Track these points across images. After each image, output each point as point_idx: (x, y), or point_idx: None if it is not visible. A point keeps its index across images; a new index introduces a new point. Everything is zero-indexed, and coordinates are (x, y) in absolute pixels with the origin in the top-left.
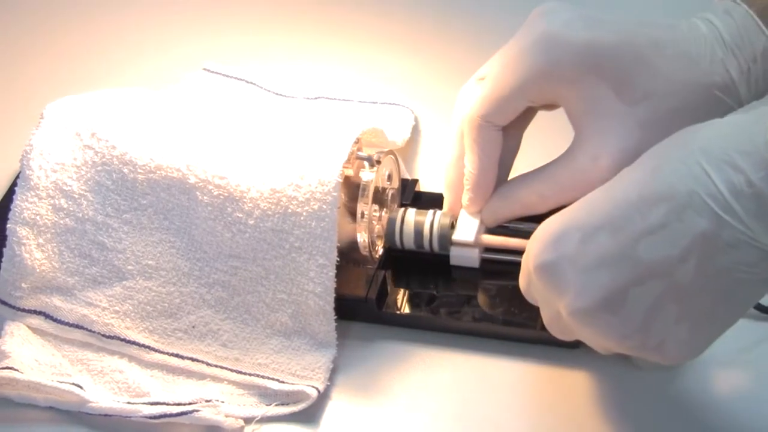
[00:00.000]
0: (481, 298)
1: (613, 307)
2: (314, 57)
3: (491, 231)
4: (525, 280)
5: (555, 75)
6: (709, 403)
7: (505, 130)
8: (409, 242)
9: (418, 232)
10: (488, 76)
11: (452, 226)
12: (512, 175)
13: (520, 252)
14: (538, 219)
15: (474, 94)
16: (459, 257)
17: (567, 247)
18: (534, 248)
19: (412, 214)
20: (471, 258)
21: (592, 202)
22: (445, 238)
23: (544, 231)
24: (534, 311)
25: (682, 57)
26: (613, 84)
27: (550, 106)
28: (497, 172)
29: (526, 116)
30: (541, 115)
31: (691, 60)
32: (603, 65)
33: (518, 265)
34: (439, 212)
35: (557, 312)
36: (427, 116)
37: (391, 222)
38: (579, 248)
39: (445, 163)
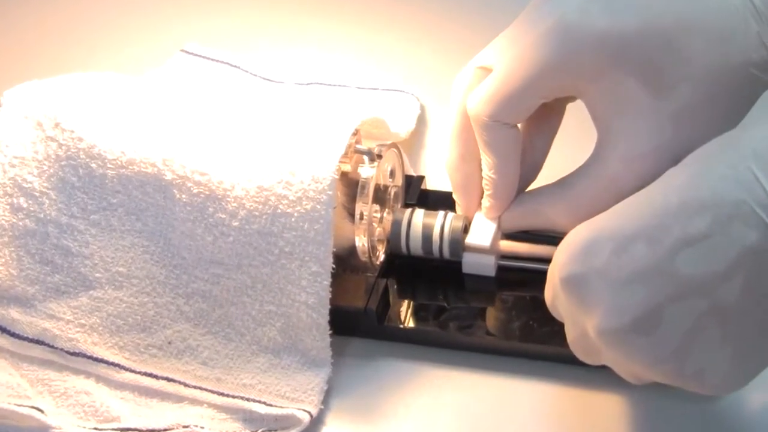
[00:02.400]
0: (497, 311)
1: (647, 327)
2: (306, 37)
3: (509, 235)
4: (550, 292)
5: (573, 70)
6: None
7: (531, 128)
8: (417, 247)
9: (427, 235)
10: (495, 71)
11: (465, 230)
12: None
13: (541, 259)
14: None
15: (479, 89)
16: (472, 264)
17: (598, 258)
18: (561, 259)
19: (419, 216)
20: (486, 265)
21: (626, 209)
22: (458, 243)
23: (572, 240)
24: (557, 325)
25: (714, 35)
26: (640, 75)
27: (572, 99)
28: (518, 174)
29: (555, 111)
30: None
31: (724, 37)
32: (627, 55)
33: (539, 273)
34: (450, 214)
35: (584, 331)
36: (434, 104)
37: (395, 224)
38: (611, 260)
39: (447, 164)
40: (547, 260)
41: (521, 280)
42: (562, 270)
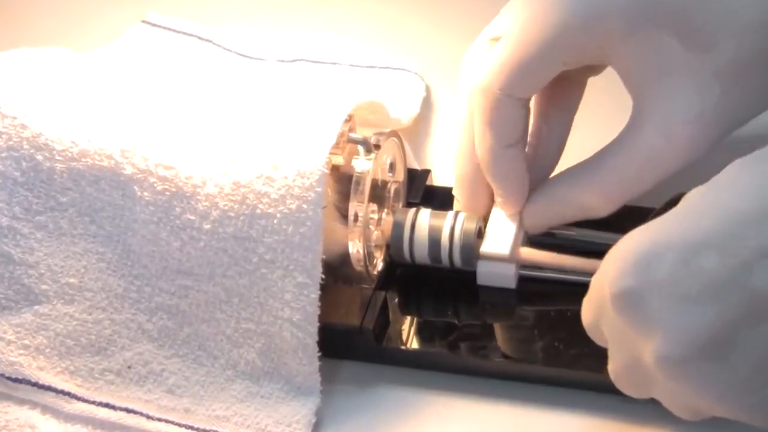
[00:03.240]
0: (517, 329)
1: (720, 353)
2: (290, 5)
3: (532, 241)
4: (593, 310)
5: (598, 28)
6: None
7: (548, 106)
8: (422, 254)
9: (434, 240)
10: (506, 35)
11: (480, 234)
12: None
13: (571, 271)
14: (594, 224)
15: (488, 58)
16: (488, 275)
17: (660, 271)
18: (613, 270)
19: (425, 217)
20: (505, 276)
21: (690, 213)
22: (471, 250)
23: (627, 248)
24: (588, 346)
25: None
26: (677, 30)
27: (595, 69)
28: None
29: (575, 84)
30: None
31: None
32: (661, 7)
33: (565, 285)
34: (462, 215)
35: (635, 357)
36: (442, 84)
37: (397, 227)
38: (676, 273)
39: (455, 154)
40: (576, 272)
41: (545, 293)
42: (615, 284)
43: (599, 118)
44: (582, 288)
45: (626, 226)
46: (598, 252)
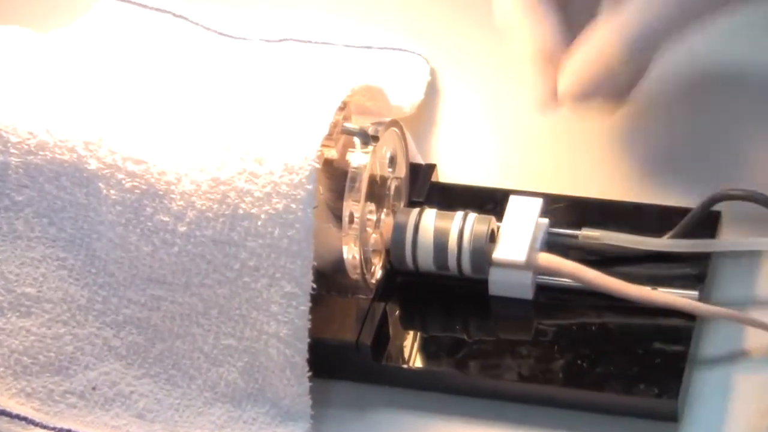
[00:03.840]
0: (534, 346)
1: None
2: None
3: (551, 244)
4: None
5: None
6: None
7: None
8: (426, 261)
9: (441, 245)
10: None
11: (492, 238)
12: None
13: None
14: (621, 226)
15: None
16: (502, 284)
17: None
18: None
19: (430, 218)
20: (521, 285)
21: None
22: (482, 256)
23: None
24: (613, 365)
25: None
26: None
27: None
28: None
29: None
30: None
31: None
32: None
33: (590, 295)
34: (472, 215)
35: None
36: (448, 67)
37: (398, 230)
38: None
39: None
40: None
41: (566, 305)
42: None
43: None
44: (608, 299)
45: (658, 228)
46: (624, 258)
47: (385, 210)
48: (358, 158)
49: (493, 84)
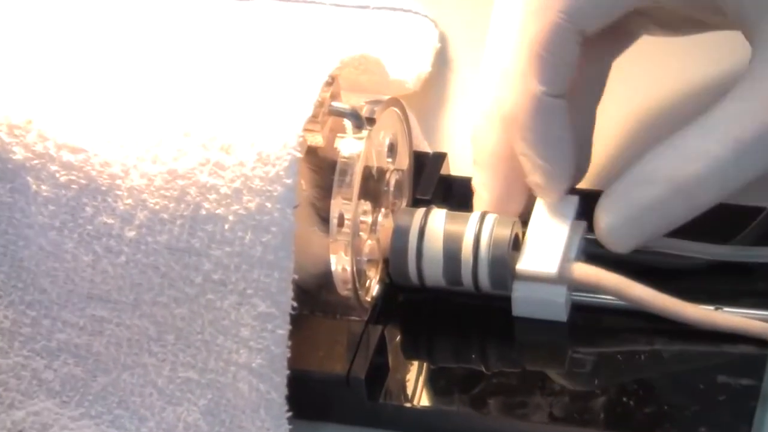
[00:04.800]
0: (569, 379)
1: None
2: None
3: (589, 254)
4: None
5: None
6: None
7: (585, 55)
8: (435, 274)
9: (452, 253)
10: None
11: (516, 245)
12: None
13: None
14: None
15: None
16: (529, 302)
17: None
18: None
19: (440, 220)
20: (552, 304)
21: None
22: (504, 267)
23: None
24: (667, 404)
25: None
26: None
27: (662, 24)
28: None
29: (620, 37)
30: None
31: None
32: None
33: (638, 316)
34: (491, 216)
35: None
36: (462, 33)
37: (399, 235)
38: None
39: (476, 118)
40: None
41: (608, 328)
42: None
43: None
44: (660, 321)
45: (722, 232)
46: (680, 271)
47: (383, 210)
48: (350, 146)
49: None
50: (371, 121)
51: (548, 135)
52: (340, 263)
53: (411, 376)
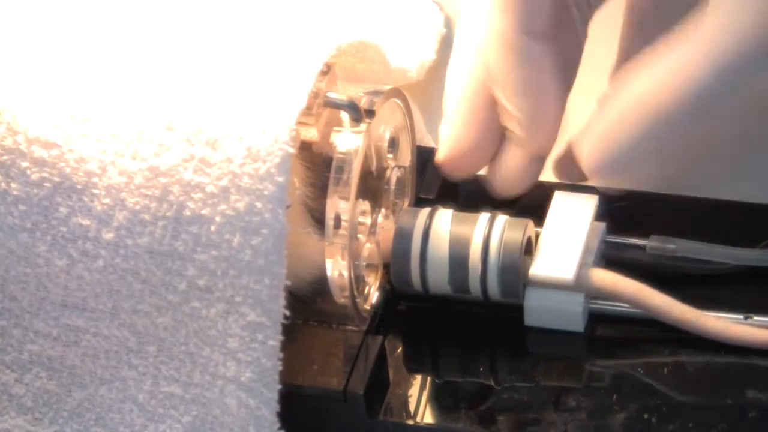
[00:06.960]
0: (586, 395)
1: None
2: None
3: (609, 258)
4: None
5: None
6: None
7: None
8: (440, 280)
9: (459, 258)
10: None
11: (529, 249)
12: None
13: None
14: (700, 234)
15: None
16: (543, 311)
17: None
18: None
19: (445, 221)
20: (568, 313)
21: None
22: (515, 273)
23: None
24: (692, 420)
25: None
26: None
27: None
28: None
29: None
30: None
31: None
32: None
33: (660, 327)
34: (501, 218)
35: None
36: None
37: (401, 237)
38: None
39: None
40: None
41: (628, 339)
42: None
43: None
44: (684, 331)
45: (751, 235)
46: (705, 277)
47: (383, 211)
48: (347, 140)
49: None
50: (370, 113)
51: (525, 83)
52: (336, 268)
53: (413, 391)
